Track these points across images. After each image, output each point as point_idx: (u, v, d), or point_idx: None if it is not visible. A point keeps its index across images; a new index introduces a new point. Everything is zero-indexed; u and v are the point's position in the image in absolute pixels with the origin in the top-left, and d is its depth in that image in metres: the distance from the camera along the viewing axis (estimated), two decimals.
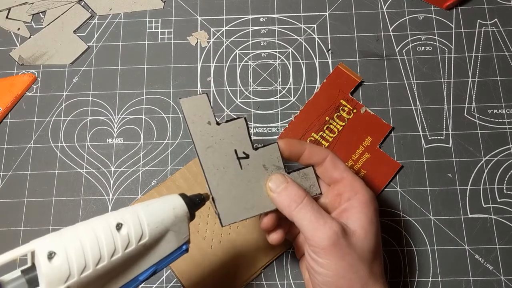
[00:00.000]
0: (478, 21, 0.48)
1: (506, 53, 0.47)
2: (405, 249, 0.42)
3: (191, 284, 0.40)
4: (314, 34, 0.49)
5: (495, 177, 0.43)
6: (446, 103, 0.46)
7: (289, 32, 0.49)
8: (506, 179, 0.43)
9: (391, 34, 0.48)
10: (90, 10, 0.51)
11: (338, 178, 0.35)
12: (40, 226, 0.43)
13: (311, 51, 0.48)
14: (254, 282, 0.41)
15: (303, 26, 0.49)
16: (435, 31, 0.48)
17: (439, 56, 0.47)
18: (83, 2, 0.51)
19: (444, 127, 0.45)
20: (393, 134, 0.45)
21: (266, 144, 0.34)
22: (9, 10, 0.51)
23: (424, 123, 0.45)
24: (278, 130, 0.46)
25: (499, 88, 0.46)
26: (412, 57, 0.47)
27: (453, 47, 0.48)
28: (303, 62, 0.48)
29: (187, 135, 0.43)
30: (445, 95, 0.46)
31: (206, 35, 0.49)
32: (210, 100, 0.33)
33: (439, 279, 0.41)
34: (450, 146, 0.45)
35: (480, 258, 0.41)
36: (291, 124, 0.45)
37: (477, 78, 0.47)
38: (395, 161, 0.44)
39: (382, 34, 0.48)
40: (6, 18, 0.51)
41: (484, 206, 0.43)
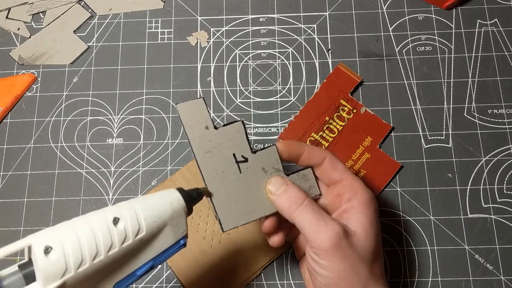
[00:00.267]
0: (478, 21, 0.49)
1: (506, 53, 0.47)
2: (405, 249, 0.42)
3: (191, 283, 0.40)
4: (314, 34, 0.49)
5: (495, 177, 0.44)
6: (446, 103, 0.46)
7: (289, 32, 0.49)
8: (506, 179, 0.43)
9: (391, 34, 0.48)
10: (90, 10, 0.51)
11: (337, 179, 0.34)
12: (40, 226, 0.43)
13: (311, 51, 0.48)
14: (254, 282, 0.41)
15: (303, 26, 0.49)
16: (435, 31, 0.48)
17: (439, 56, 0.47)
18: (83, 2, 0.51)
19: (444, 127, 0.45)
20: (393, 134, 0.45)
21: (265, 146, 0.34)
22: (9, 10, 0.51)
23: (424, 123, 0.45)
24: (278, 130, 0.46)
25: (499, 88, 0.46)
26: (412, 57, 0.47)
27: (453, 47, 0.48)
28: (303, 62, 0.48)
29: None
30: (445, 95, 0.46)
31: (206, 35, 0.49)
32: (207, 104, 0.33)
33: (439, 279, 0.41)
34: (450, 146, 0.45)
35: (480, 258, 0.41)
36: (291, 124, 0.45)
37: (477, 78, 0.47)
38: (395, 161, 0.44)
39: (382, 34, 0.48)
40: (6, 18, 0.51)
41: (484, 206, 0.43)
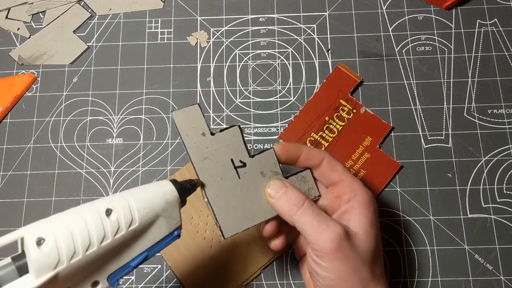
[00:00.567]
0: (478, 21, 0.49)
1: (506, 53, 0.47)
2: (404, 249, 0.42)
3: (191, 283, 0.40)
4: (314, 34, 0.49)
5: (495, 177, 0.44)
6: (445, 103, 0.46)
7: (288, 32, 0.49)
8: (506, 179, 0.43)
9: (391, 34, 0.48)
10: (89, 10, 0.51)
11: (336, 180, 0.34)
12: None
13: (311, 51, 0.48)
14: (254, 282, 0.41)
15: (303, 26, 0.49)
16: (435, 31, 0.48)
17: (439, 56, 0.47)
18: (83, 2, 0.51)
19: (444, 127, 0.45)
20: (392, 134, 0.45)
21: (262, 150, 0.34)
22: (8, 10, 0.51)
23: (424, 123, 0.45)
24: (277, 130, 0.46)
25: (499, 88, 0.46)
26: (411, 57, 0.47)
27: (452, 47, 0.48)
28: (303, 62, 0.48)
29: None
30: (444, 95, 0.46)
31: (206, 35, 0.49)
32: (203, 109, 0.33)
33: (439, 279, 0.41)
34: (449, 146, 0.45)
35: (479, 258, 0.41)
36: (291, 124, 0.45)
37: (476, 78, 0.47)
38: (395, 161, 0.44)
39: (382, 34, 0.48)
40: (6, 18, 0.51)
41: (483, 206, 0.43)
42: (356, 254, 0.31)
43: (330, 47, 0.48)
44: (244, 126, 0.46)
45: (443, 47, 0.48)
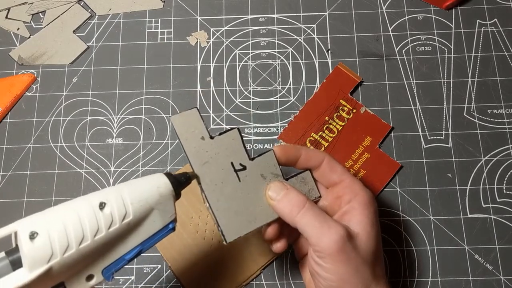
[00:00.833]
0: (478, 21, 0.49)
1: (506, 53, 0.47)
2: (404, 249, 0.42)
3: (191, 283, 0.40)
4: (314, 34, 0.49)
5: (495, 177, 0.44)
6: (445, 103, 0.46)
7: (288, 32, 0.49)
8: (506, 179, 0.43)
9: (391, 34, 0.48)
10: (89, 10, 0.51)
11: (336, 181, 0.34)
12: None
13: (311, 51, 0.48)
14: (254, 282, 0.41)
15: (303, 26, 0.49)
16: (435, 31, 0.48)
17: (439, 56, 0.47)
18: (83, 2, 0.51)
19: (443, 127, 0.45)
20: (392, 134, 0.45)
21: (262, 152, 0.34)
22: (8, 10, 0.51)
23: (423, 123, 0.45)
24: (277, 130, 0.46)
25: (499, 88, 0.46)
26: (411, 57, 0.47)
27: (452, 47, 0.48)
28: (303, 62, 0.48)
29: None
30: (444, 95, 0.46)
31: (206, 35, 0.49)
32: (201, 113, 0.33)
33: (439, 279, 0.41)
34: (449, 146, 0.45)
35: (479, 258, 0.41)
36: (291, 124, 0.45)
37: (476, 78, 0.47)
38: (395, 161, 0.44)
39: (382, 34, 0.48)
40: (6, 18, 0.51)
41: (483, 206, 0.43)
42: (357, 255, 0.31)
43: (330, 47, 0.48)
44: (244, 126, 0.46)
45: (443, 47, 0.48)
